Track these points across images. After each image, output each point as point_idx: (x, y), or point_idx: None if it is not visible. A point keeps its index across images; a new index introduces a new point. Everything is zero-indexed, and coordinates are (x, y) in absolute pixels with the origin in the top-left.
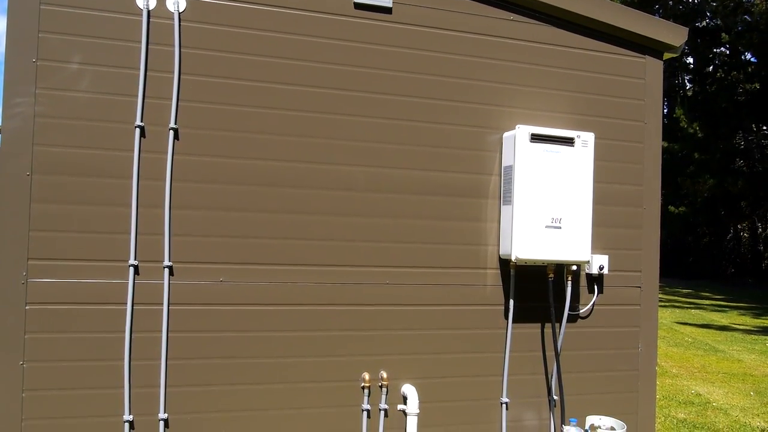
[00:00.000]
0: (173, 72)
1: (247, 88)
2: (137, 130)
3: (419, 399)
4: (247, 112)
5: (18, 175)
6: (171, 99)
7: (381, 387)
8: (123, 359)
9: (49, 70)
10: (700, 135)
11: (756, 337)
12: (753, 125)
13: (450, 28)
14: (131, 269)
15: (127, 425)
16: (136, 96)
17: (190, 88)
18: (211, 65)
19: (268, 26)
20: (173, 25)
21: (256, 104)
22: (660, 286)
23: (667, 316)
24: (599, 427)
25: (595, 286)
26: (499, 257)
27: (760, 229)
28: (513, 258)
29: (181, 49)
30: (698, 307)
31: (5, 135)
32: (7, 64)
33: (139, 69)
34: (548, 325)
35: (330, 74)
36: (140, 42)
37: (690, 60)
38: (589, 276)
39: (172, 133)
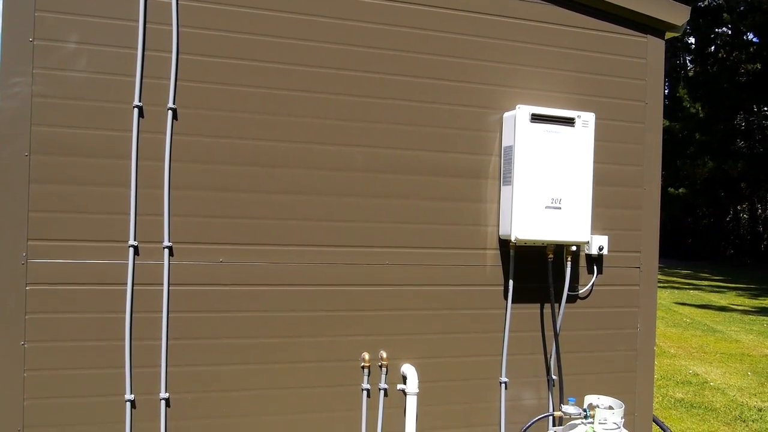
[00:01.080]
0: (171, 51)
1: (246, 68)
2: (135, 110)
3: (419, 378)
4: (246, 92)
5: (16, 156)
6: (169, 79)
7: (381, 367)
8: (123, 339)
9: (46, 50)
10: (701, 115)
11: (754, 317)
12: (754, 106)
13: (449, 7)
14: (131, 250)
15: (128, 404)
16: (134, 75)
17: (188, 68)
18: (210, 44)
19: (267, 5)
20: (171, 3)
21: (255, 84)
22: (659, 267)
23: (666, 297)
24: (597, 406)
25: (595, 267)
26: (499, 238)
27: (759, 211)
28: (513, 238)
29: (179, 28)
30: (697, 287)
31: (3, 115)
32: (4, 44)
33: (137, 48)
34: (547, 306)
35: (330, 54)
36: (138, 21)
37: (692, 40)
38: (588, 256)
39: (170, 113)
